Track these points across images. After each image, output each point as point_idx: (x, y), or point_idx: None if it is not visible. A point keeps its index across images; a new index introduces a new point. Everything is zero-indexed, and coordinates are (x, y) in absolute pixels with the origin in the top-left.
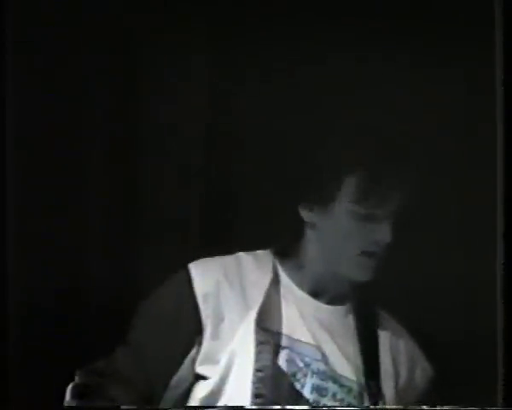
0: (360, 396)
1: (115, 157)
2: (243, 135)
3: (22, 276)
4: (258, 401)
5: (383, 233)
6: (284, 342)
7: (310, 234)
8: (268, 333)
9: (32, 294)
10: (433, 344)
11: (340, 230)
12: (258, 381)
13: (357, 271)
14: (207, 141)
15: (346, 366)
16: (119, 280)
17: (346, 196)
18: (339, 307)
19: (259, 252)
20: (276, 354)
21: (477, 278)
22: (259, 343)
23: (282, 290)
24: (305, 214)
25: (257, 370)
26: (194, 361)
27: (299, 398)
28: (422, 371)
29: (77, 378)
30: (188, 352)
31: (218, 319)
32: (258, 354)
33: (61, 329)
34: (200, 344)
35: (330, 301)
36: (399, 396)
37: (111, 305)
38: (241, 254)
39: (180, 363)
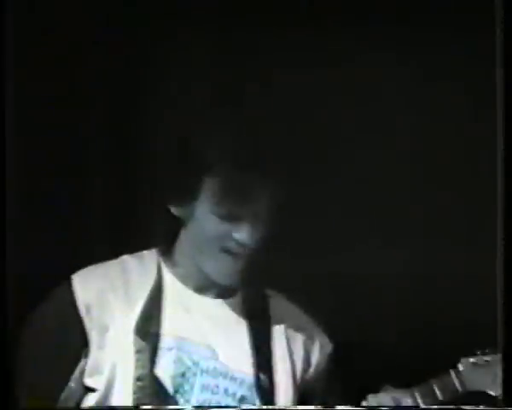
0: (253, 387)
1: (116, 157)
2: None
3: (22, 275)
4: None
5: (242, 233)
6: (170, 343)
7: (182, 232)
8: (147, 339)
9: (31, 293)
10: (431, 343)
11: (202, 228)
12: (138, 390)
13: (219, 270)
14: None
15: (238, 359)
16: None
17: (207, 195)
18: (227, 300)
19: (145, 252)
20: (153, 360)
21: (477, 275)
22: (137, 352)
23: (167, 290)
24: (175, 212)
25: (136, 379)
26: (82, 374)
27: (184, 401)
28: (320, 348)
29: None
30: (76, 365)
31: (103, 329)
32: (136, 362)
33: None
34: (86, 356)
35: (218, 295)
36: (297, 378)
37: None
38: (125, 257)
39: (69, 377)
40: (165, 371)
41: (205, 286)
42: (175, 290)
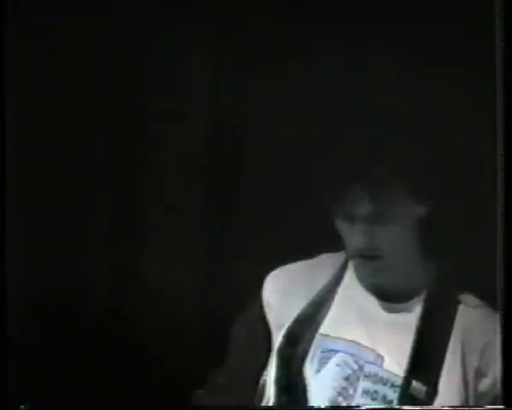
0: (412, 396)
1: (116, 157)
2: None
3: (22, 275)
4: None
5: (356, 237)
6: (335, 345)
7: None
8: (306, 339)
9: (31, 293)
10: None
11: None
12: (275, 393)
13: (359, 275)
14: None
15: (402, 366)
16: (120, 280)
17: None
18: (404, 304)
19: (339, 253)
20: (311, 361)
21: (478, 275)
22: (288, 350)
23: (343, 291)
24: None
25: (274, 382)
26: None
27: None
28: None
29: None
30: (263, 361)
31: (280, 329)
32: (277, 366)
33: (61, 328)
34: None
35: (396, 299)
36: (466, 391)
37: (111, 304)
38: (321, 256)
39: (257, 374)
40: (326, 373)
41: (381, 289)
42: (352, 292)
